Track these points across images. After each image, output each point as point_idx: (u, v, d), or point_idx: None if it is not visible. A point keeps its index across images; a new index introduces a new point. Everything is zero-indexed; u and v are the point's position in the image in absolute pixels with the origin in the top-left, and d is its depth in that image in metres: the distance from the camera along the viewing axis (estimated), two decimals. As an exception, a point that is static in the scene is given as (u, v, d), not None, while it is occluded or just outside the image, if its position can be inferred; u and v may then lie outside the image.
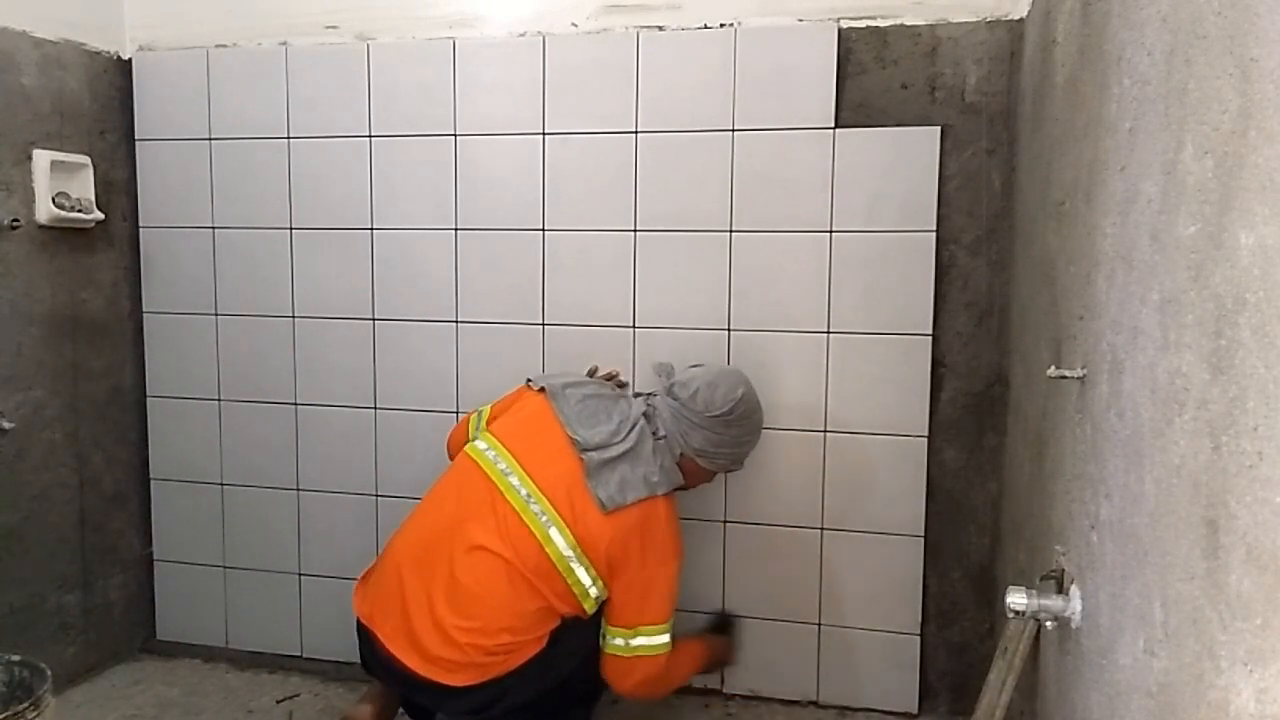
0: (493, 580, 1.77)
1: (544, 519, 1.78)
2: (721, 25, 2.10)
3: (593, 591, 1.81)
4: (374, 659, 1.87)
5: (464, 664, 1.77)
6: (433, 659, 1.77)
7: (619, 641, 1.84)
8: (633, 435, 1.85)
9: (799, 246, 2.10)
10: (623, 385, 2.17)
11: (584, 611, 1.83)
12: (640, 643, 1.84)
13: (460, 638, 1.76)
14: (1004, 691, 1.45)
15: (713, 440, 1.89)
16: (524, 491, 1.80)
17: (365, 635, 1.86)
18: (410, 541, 1.88)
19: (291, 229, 2.36)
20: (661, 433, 1.90)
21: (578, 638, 1.85)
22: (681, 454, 1.90)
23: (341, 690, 2.30)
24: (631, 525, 1.79)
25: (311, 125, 2.32)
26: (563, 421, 1.87)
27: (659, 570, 1.83)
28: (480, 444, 1.90)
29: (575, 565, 1.78)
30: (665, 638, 1.85)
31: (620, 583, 1.82)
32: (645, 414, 1.92)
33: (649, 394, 2.01)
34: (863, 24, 2.05)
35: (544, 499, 1.79)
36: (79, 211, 2.23)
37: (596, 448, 1.82)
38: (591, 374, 2.16)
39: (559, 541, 1.77)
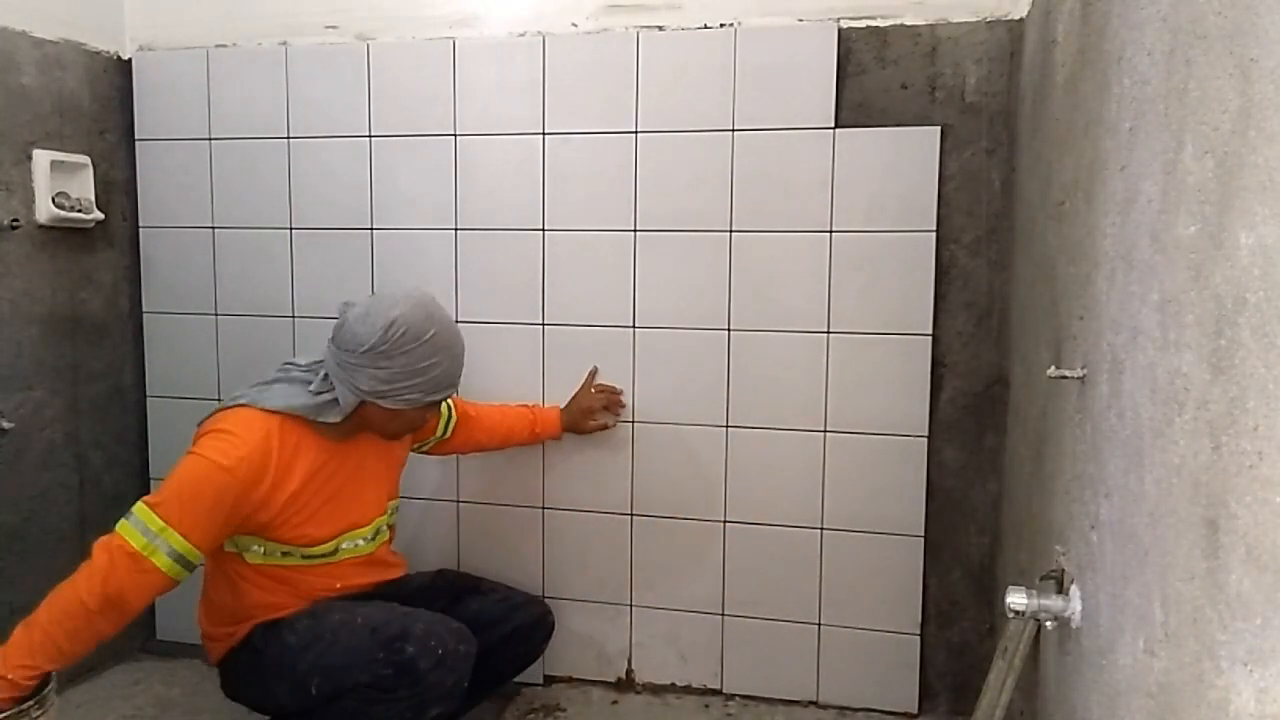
0: None
1: None
2: (721, 25, 2.10)
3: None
4: None
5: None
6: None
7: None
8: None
9: (799, 246, 2.10)
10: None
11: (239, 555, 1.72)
12: (130, 520, 1.54)
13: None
14: (1004, 691, 1.45)
15: (381, 378, 1.63)
16: None
17: None
18: None
19: (291, 229, 2.36)
20: (331, 383, 1.68)
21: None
22: (363, 403, 1.67)
23: (341, 690, 2.30)
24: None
25: (311, 125, 2.32)
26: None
27: (185, 458, 1.60)
28: None
29: None
30: (142, 524, 1.52)
31: None
32: (311, 368, 1.73)
33: None
34: (863, 24, 2.05)
35: None
36: (79, 211, 2.23)
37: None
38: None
39: None
